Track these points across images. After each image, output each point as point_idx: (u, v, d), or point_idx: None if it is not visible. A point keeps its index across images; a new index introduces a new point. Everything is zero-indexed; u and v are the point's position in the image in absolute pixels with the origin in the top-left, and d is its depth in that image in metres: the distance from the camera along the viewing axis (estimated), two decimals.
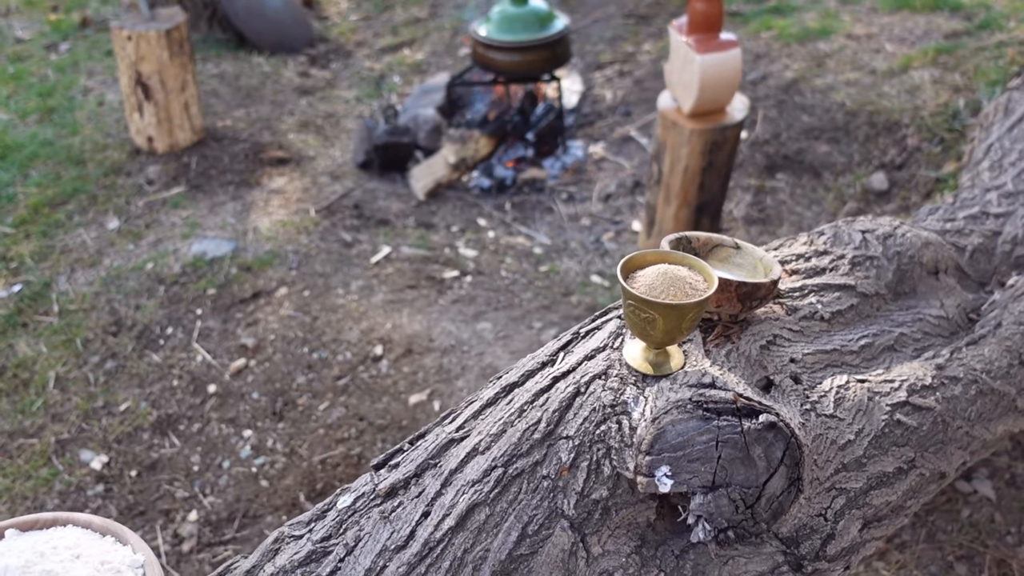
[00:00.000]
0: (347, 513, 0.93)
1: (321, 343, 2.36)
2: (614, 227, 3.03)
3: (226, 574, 0.95)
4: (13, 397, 2.39)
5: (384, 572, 0.86)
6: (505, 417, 0.93)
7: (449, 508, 0.87)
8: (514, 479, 0.87)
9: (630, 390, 0.89)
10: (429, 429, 1.01)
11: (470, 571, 0.84)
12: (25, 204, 3.09)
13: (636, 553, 0.84)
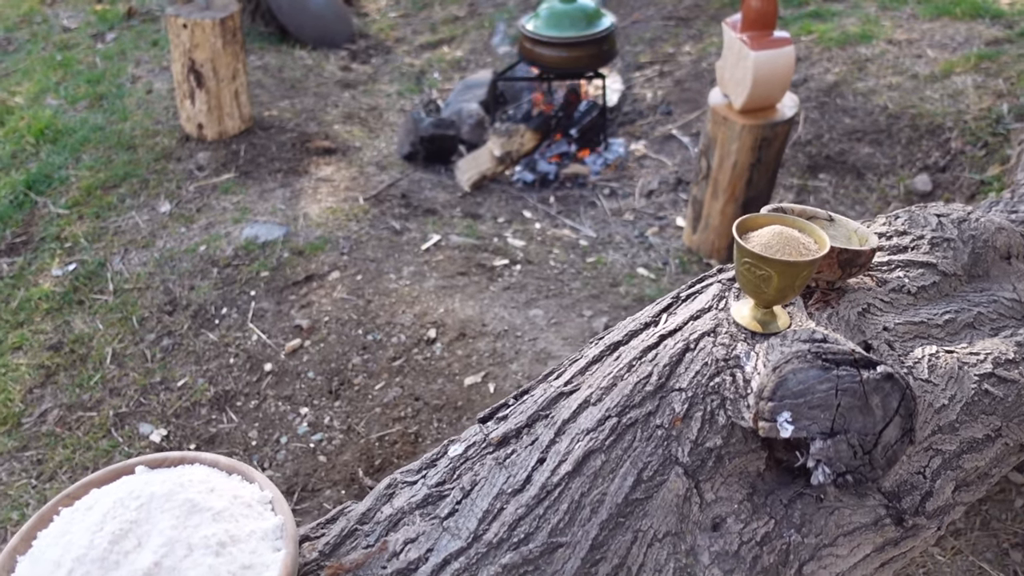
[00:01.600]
0: (459, 460, 0.97)
1: (375, 325, 2.40)
2: (658, 222, 3.06)
3: (339, 517, 0.99)
4: (71, 371, 2.44)
5: (502, 513, 0.89)
6: (614, 372, 0.97)
7: (565, 455, 0.91)
8: (628, 428, 0.91)
9: (741, 346, 0.92)
10: (533, 386, 1.05)
11: (588, 513, 0.87)
12: (78, 186, 3.15)
13: (748, 500, 0.88)
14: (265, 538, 0.86)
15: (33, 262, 2.85)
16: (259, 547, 0.85)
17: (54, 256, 2.85)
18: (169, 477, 0.87)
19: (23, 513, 2.08)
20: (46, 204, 3.09)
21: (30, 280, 2.77)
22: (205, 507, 0.85)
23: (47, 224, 3.00)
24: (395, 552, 0.89)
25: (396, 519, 0.93)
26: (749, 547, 0.86)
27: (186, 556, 0.80)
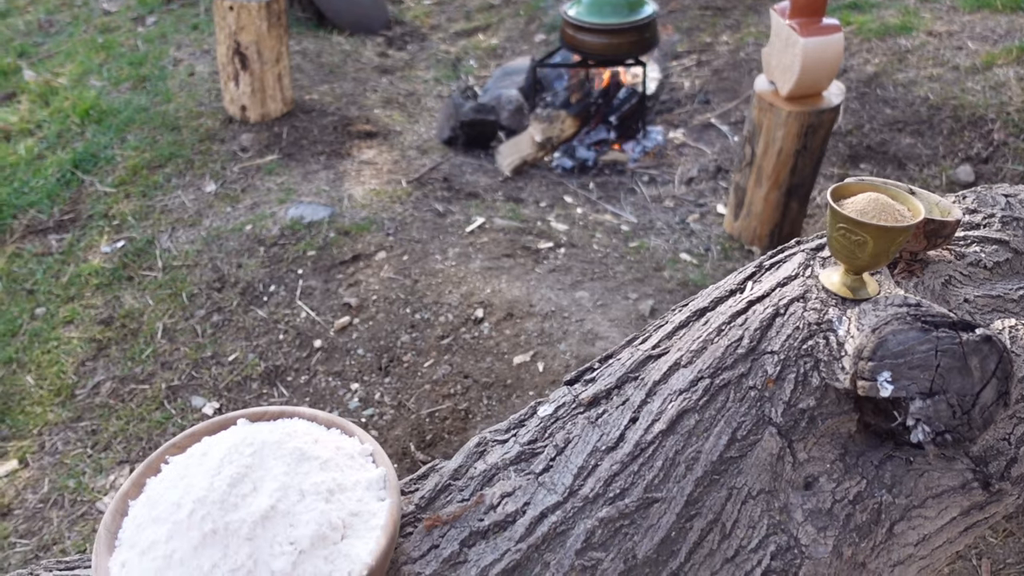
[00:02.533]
0: (550, 420, 0.99)
1: (423, 304, 2.43)
2: (698, 209, 3.07)
3: (431, 473, 1.01)
4: (123, 345, 2.48)
5: (597, 470, 0.91)
6: (703, 336, 0.98)
7: (658, 414, 0.93)
8: (721, 389, 0.93)
9: (833, 311, 0.94)
10: (617, 351, 1.07)
11: (683, 470, 0.89)
12: (124, 166, 3.19)
13: (839, 460, 0.89)
14: (370, 488, 0.88)
15: (82, 239, 2.89)
16: (364, 496, 0.87)
17: (102, 233, 2.90)
18: (276, 428, 0.90)
19: (79, 481, 2.13)
20: (93, 183, 3.14)
21: (79, 256, 2.82)
22: (313, 456, 0.87)
23: (94, 202, 3.05)
24: (492, 505, 0.92)
25: (490, 474, 0.95)
26: (842, 505, 0.88)
27: (299, 501, 0.83)
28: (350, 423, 0.96)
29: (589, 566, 0.87)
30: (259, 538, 0.79)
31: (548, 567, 0.88)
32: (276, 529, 0.80)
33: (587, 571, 0.87)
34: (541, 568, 0.88)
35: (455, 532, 0.91)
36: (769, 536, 0.88)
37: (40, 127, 3.51)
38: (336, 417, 0.97)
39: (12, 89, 3.82)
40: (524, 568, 0.88)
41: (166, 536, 0.80)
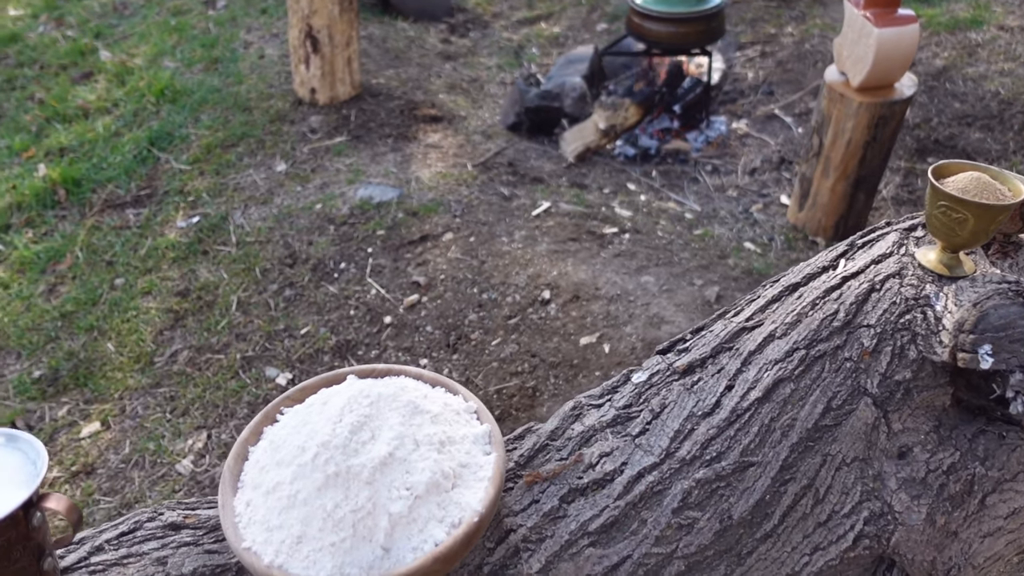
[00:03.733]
0: (644, 387, 1.02)
1: (490, 285, 2.47)
2: (761, 199, 3.07)
3: (527, 434, 1.05)
4: (199, 316, 2.56)
5: (693, 434, 0.95)
6: (798, 309, 1.01)
7: (753, 382, 0.96)
8: (816, 360, 0.95)
9: (930, 287, 0.96)
10: (708, 323, 1.10)
11: (778, 436, 0.92)
12: (198, 144, 3.29)
13: (934, 432, 0.92)
14: (476, 442, 0.93)
15: (158, 213, 2.99)
16: (472, 449, 0.92)
17: (178, 209, 2.99)
18: (389, 382, 0.95)
19: (159, 444, 2.21)
20: (168, 160, 3.23)
21: (156, 230, 2.91)
22: (424, 410, 0.92)
23: (170, 179, 3.14)
24: (590, 464, 0.96)
25: (588, 436, 0.99)
26: (936, 475, 0.90)
27: (414, 450, 0.87)
28: (454, 382, 1.00)
29: (685, 524, 0.91)
30: (378, 482, 0.84)
31: (645, 524, 0.91)
32: (393, 475, 0.85)
33: (683, 529, 0.91)
34: (639, 524, 0.91)
35: (554, 489, 0.95)
36: (862, 502, 0.91)
37: (117, 105, 3.62)
38: (441, 376, 1.01)
39: (89, 69, 3.95)
40: (622, 524, 0.92)
41: (291, 477, 0.85)
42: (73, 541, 0.88)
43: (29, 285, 2.77)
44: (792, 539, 0.91)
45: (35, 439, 0.80)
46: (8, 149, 3.46)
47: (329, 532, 0.83)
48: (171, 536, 0.93)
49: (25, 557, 0.77)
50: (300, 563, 0.82)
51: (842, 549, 0.90)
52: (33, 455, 0.80)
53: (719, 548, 0.91)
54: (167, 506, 0.98)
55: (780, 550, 0.91)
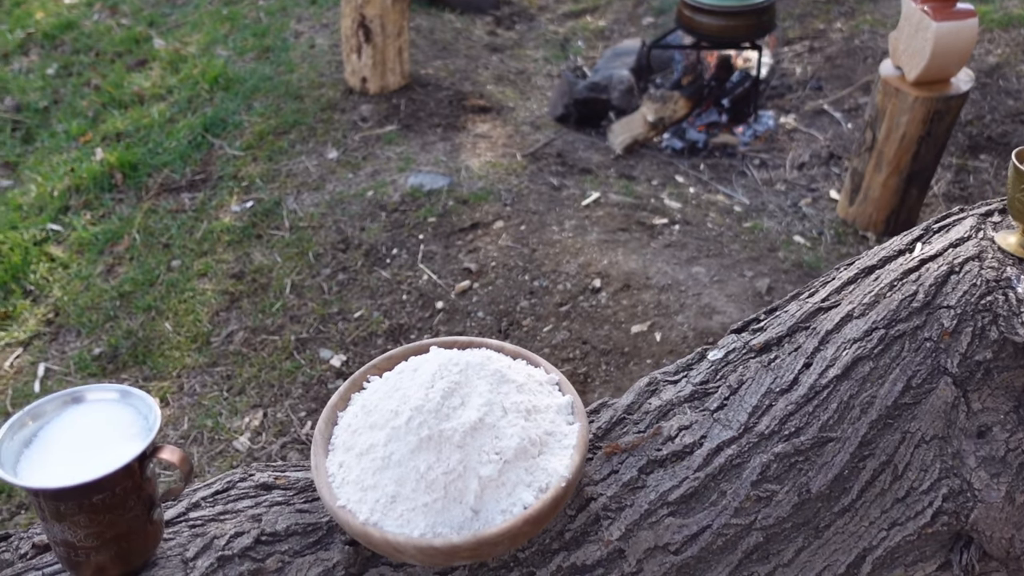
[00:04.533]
0: (720, 364, 1.04)
1: (541, 272, 2.50)
2: (810, 194, 3.07)
3: (602, 408, 1.08)
4: (254, 298, 2.61)
5: (771, 409, 0.96)
6: (875, 290, 1.02)
7: (832, 361, 0.97)
8: (896, 339, 0.97)
9: (1011, 269, 0.97)
10: (782, 304, 1.11)
11: (857, 413, 0.94)
12: (250, 131, 3.34)
13: (1013, 412, 0.93)
14: (560, 412, 0.95)
15: (213, 198, 3.04)
16: (556, 418, 0.94)
17: (232, 193, 3.05)
18: (475, 352, 0.98)
19: (216, 421, 2.26)
20: (222, 146, 3.29)
21: (211, 214, 2.97)
22: (510, 379, 0.94)
23: (224, 164, 3.20)
24: (669, 437, 0.98)
25: (666, 410, 1.01)
26: (1015, 454, 0.91)
27: (502, 417, 0.90)
28: (535, 355, 1.03)
29: (764, 496, 0.93)
30: (468, 446, 0.87)
31: (724, 495, 0.93)
32: (483, 440, 0.88)
33: (762, 501, 0.93)
34: (718, 496, 0.93)
35: (633, 460, 0.97)
36: (941, 479, 0.92)
37: (171, 92, 3.69)
38: (521, 349, 1.04)
39: (143, 56, 4.02)
40: (701, 495, 0.94)
41: (385, 440, 0.88)
42: (183, 493, 0.92)
43: (88, 265, 2.84)
44: (870, 514, 0.93)
45: (148, 395, 0.83)
46: (66, 134, 3.54)
47: (422, 493, 0.86)
48: (263, 496, 0.97)
49: (138, 506, 0.81)
50: (394, 521, 0.85)
51: (920, 525, 0.92)
52: (145, 410, 0.83)
53: (797, 521, 0.93)
54: (257, 468, 1.02)
55: (858, 524, 0.93)
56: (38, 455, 0.79)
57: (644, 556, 0.92)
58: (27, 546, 0.90)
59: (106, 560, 0.80)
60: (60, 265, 2.86)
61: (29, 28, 4.35)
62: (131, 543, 0.81)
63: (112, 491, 0.77)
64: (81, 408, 0.83)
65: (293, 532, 0.92)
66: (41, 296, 2.76)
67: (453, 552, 0.83)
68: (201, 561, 0.87)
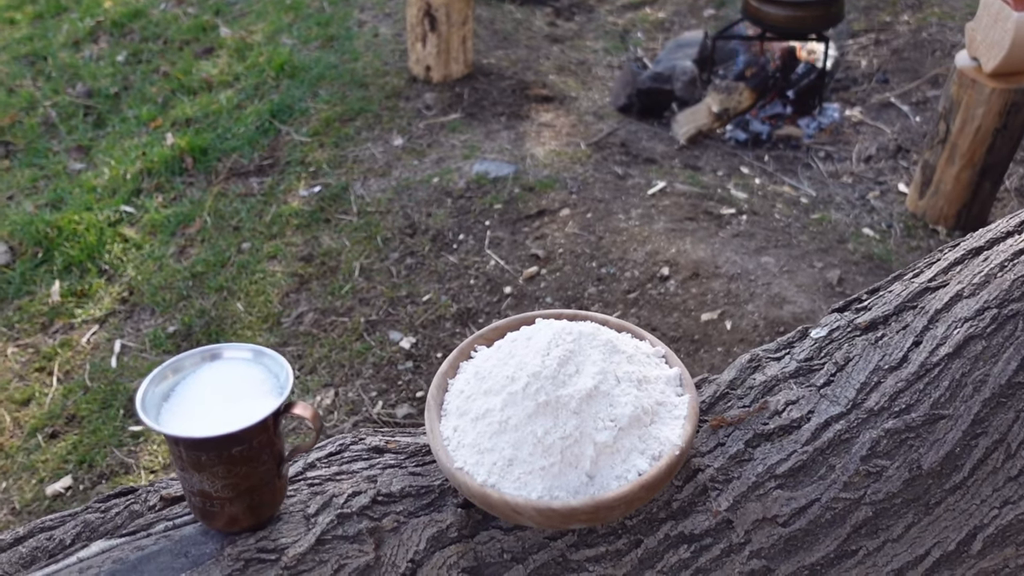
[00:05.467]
0: (824, 341, 1.05)
1: (608, 260, 2.51)
2: (878, 187, 3.04)
3: (703, 384, 1.09)
4: (323, 281, 2.66)
5: (880, 386, 0.97)
6: (986, 271, 1.02)
7: (942, 339, 0.97)
8: (1009, 319, 0.96)
9: None
10: (884, 285, 1.11)
11: (970, 391, 0.94)
12: (317, 118, 3.39)
13: None
14: (669, 383, 0.96)
15: (281, 182, 3.10)
16: (666, 389, 0.96)
17: (299, 178, 3.10)
18: (584, 324, 0.99)
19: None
20: (289, 132, 3.34)
21: (280, 198, 3.02)
22: (620, 349, 0.96)
23: (291, 150, 3.25)
24: (776, 411, 0.98)
25: (771, 385, 1.02)
26: None
27: (616, 385, 0.91)
28: (639, 328, 1.04)
29: (874, 472, 0.93)
30: (584, 413, 0.89)
31: (833, 469, 0.94)
32: (598, 407, 0.89)
33: (871, 476, 0.93)
34: (826, 470, 0.94)
35: (739, 433, 0.98)
36: None
37: (238, 79, 3.75)
38: (625, 322, 1.05)
39: (210, 44, 4.10)
40: (809, 468, 0.94)
41: (501, 405, 0.90)
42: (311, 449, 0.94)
43: (160, 246, 2.90)
44: (981, 492, 0.93)
45: (279, 355, 0.86)
46: (136, 119, 3.62)
47: (539, 457, 0.87)
48: (376, 458, 1.00)
49: (270, 461, 0.83)
50: (512, 484, 0.87)
51: None
52: (276, 369, 0.86)
53: (907, 497, 0.93)
54: (367, 432, 1.05)
55: (969, 502, 0.93)
56: (177, 407, 0.82)
57: (752, 527, 0.93)
58: (155, 498, 0.94)
59: (238, 511, 0.83)
60: (133, 246, 2.93)
61: (99, 16, 4.45)
62: (262, 496, 0.84)
63: (250, 443, 0.80)
64: (217, 365, 0.86)
65: (407, 494, 0.95)
66: (115, 275, 2.83)
67: (571, 515, 0.85)
68: (322, 517, 0.90)
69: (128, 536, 0.86)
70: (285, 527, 0.88)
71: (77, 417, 2.36)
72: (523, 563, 0.92)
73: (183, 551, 0.84)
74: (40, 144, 3.54)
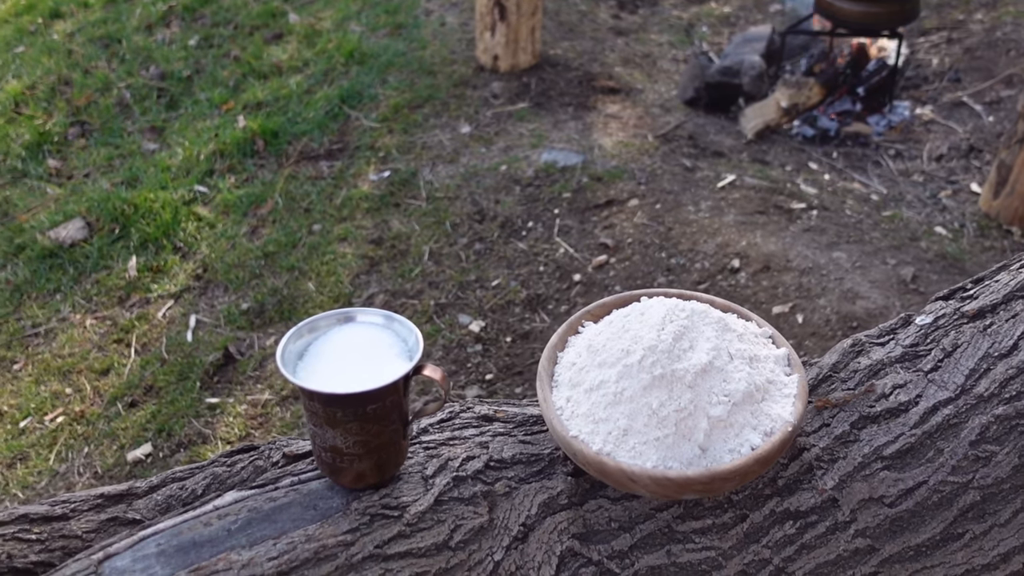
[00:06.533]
0: (930, 328, 1.05)
1: (677, 251, 2.52)
2: (950, 186, 3.00)
3: (806, 367, 1.10)
4: (393, 263, 2.70)
5: (990, 373, 0.97)
6: None
7: None
8: None
9: None
10: (989, 275, 1.11)
11: None
12: (386, 104, 3.44)
13: None
14: (777, 362, 0.98)
15: (351, 166, 3.15)
16: (775, 368, 0.97)
17: (369, 163, 3.14)
18: (694, 302, 1.01)
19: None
20: (358, 117, 3.40)
21: (350, 182, 3.07)
22: (731, 328, 0.98)
23: (360, 135, 3.30)
24: (883, 394, 0.99)
25: (876, 369, 1.03)
26: None
27: (729, 362, 0.93)
28: (744, 309, 1.06)
29: (983, 456, 0.94)
30: (699, 387, 0.91)
31: (941, 453, 0.95)
32: (712, 382, 0.91)
33: (980, 461, 0.94)
34: (934, 453, 0.95)
35: (844, 415, 0.99)
36: None
37: (307, 65, 3.82)
38: (730, 303, 1.07)
39: (279, 30, 4.17)
40: (917, 451, 0.95)
41: (616, 377, 0.93)
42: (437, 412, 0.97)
43: (233, 225, 2.97)
44: None
45: (407, 320, 0.89)
46: (208, 101, 3.70)
47: (654, 428, 0.90)
48: (486, 426, 1.02)
49: (398, 421, 0.87)
50: (627, 453, 0.89)
51: None
52: (405, 334, 0.89)
53: (1016, 483, 0.93)
54: (475, 401, 1.07)
55: None
56: (312, 364, 0.86)
57: (858, 506, 0.94)
58: (278, 455, 0.98)
59: (366, 468, 0.86)
60: (207, 224, 3.00)
61: (171, 1, 4.55)
62: (388, 455, 0.87)
63: (383, 402, 0.83)
64: (350, 327, 0.89)
65: (518, 460, 0.97)
66: (190, 253, 2.90)
67: (686, 484, 0.87)
68: (439, 479, 0.93)
69: (258, 488, 0.90)
70: (405, 487, 0.92)
71: (155, 388, 2.43)
72: (630, 532, 0.94)
73: (312, 504, 0.87)
74: (115, 124, 3.64)
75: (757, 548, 0.94)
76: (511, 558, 0.92)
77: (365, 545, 0.86)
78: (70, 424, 2.35)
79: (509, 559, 0.92)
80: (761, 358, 0.97)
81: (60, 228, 3.03)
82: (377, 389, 0.81)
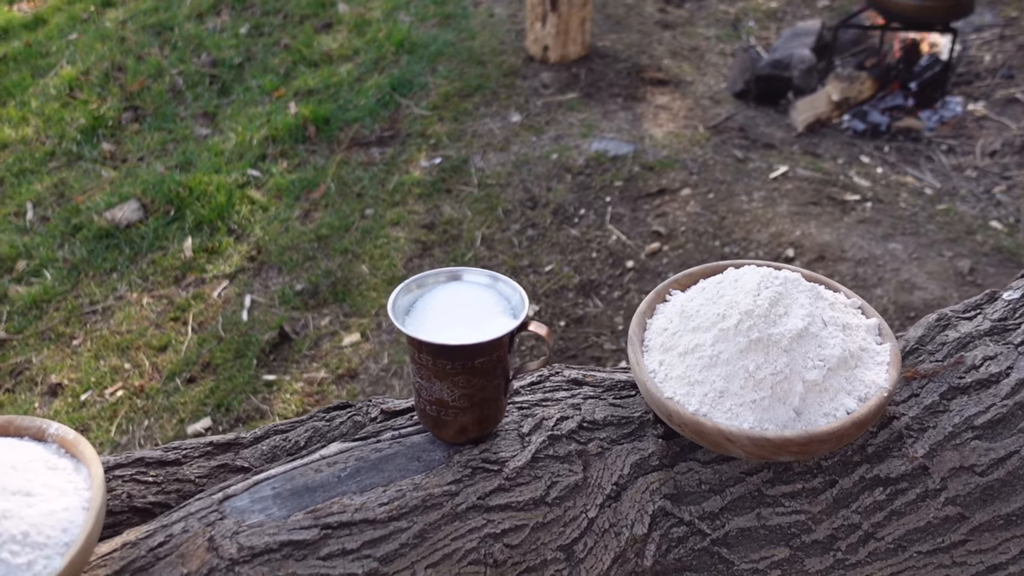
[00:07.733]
0: (1018, 303, 1.06)
1: (731, 239, 2.52)
2: (1004, 181, 2.98)
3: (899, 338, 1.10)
4: (445, 248, 2.73)
5: None
6: None
7: None
8: None
9: None
10: None
11: None
12: (436, 92, 3.47)
13: None
14: (868, 331, 0.99)
15: (402, 153, 3.18)
16: (867, 336, 0.98)
17: (420, 150, 3.17)
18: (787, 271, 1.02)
19: None
20: (409, 105, 3.43)
21: (401, 168, 3.10)
22: (823, 296, 0.99)
23: (411, 122, 3.33)
24: (973, 366, 1.00)
25: (964, 342, 1.03)
26: None
27: (823, 328, 0.94)
28: (833, 281, 1.07)
29: None
30: (794, 351, 0.92)
31: None
32: (808, 347, 0.92)
33: None
34: None
35: (933, 386, 1.00)
36: None
37: (357, 53, 3.86)
38: (818, 275, 1.08)
39: (329, 19, 4.21)
40: (1009, 422, 0.96)
41: (712, 340, 0.94)
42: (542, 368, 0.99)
43: (286, 209, 3.01)
44: None
45: (513, 280, 0.91)
46: (259, 88, 3.75)
47: (750, 390, 0.91)
48: (576, 390, 1.04)
49: (501, 377, 0.89)
50: (723, 414, 0.91)
51: None
52: (509, 293, 0.91)
53: None
54: (564, 366, 1.10)
55: None
56: (420, 318, 0.88)
57: (949, 475, 0.95)
58: (376, 411, 1.00)
59: (468, 422, 0.89)
60: (260, 208, 3.04)
61: None
62: (489, 409, 0.90)
63: (490, 356, 0.85)
64: (456, 285, 0.92)
65: (609, 422, 0.99)
66: (243, 235, 2.95)
67: (783, 445, 0.88)
68: (535, 437, 0.95)
69: (361, 440, 0.92)
70: (503, 443, 0.94)
71: (212, 364, 2.47)
72: (720, 495, 0.96)
73: (415, 455, 0.90)
74: (168, 109, 3.69)
75: (847, 513, 0.95)
76: (605, 515, 0.94)
77: (468, 496, 0.89)
78: (130, 398, 2.40)
79: (603, 516, 0.93)
80: (853, 326, 0.98)
81: (116, 209, 3.09)
82: (486, 342, 0.83)
